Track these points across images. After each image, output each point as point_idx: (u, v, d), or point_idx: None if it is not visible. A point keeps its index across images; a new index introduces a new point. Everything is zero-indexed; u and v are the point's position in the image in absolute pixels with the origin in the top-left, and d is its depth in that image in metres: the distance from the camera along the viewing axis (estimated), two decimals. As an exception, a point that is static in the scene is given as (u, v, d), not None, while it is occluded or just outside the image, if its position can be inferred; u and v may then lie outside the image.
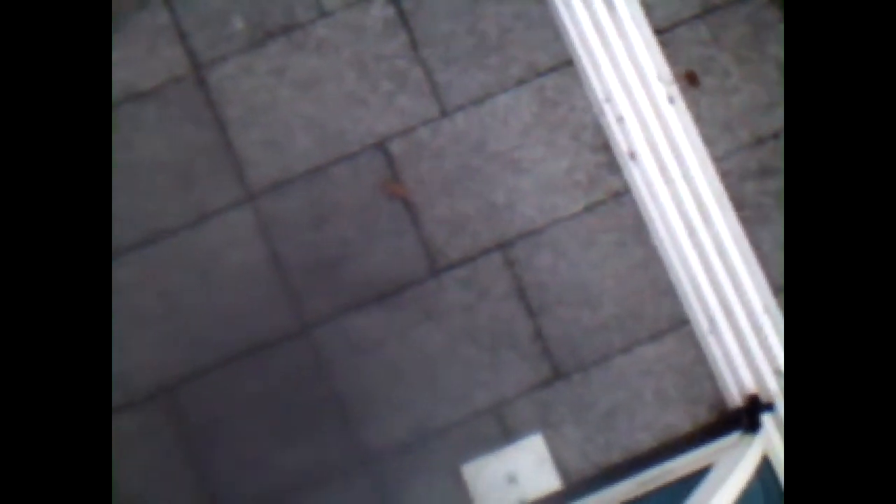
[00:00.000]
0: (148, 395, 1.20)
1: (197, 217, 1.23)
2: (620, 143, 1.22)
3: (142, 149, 1.24)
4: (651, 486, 1.13)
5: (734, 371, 1.20)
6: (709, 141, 1.23)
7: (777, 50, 1.23)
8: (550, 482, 1.19)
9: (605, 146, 1.23)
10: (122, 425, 1.19)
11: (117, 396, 1.19)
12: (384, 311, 1.21)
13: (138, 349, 1.20)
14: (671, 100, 1.23)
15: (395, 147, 1.23)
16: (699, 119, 1.23)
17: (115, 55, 1.24)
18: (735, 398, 1.19)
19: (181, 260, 1.22)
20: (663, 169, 1.22)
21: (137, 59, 1.25)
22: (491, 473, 1.19)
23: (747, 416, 1.16)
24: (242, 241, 1.23)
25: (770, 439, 1.14)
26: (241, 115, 1.24)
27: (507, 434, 1.20)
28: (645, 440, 1.19)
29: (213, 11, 1.26)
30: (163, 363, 1.21)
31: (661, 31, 1.25)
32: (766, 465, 1.13)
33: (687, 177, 1.22)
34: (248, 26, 1.25)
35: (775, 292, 1.21)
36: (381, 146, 1.23)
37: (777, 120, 1.23)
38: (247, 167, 1.24)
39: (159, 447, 1.19)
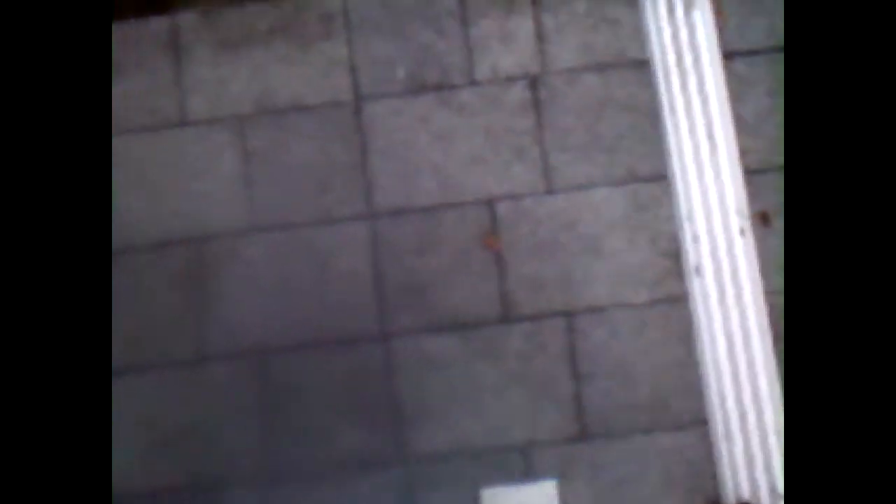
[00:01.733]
0: (244, 351, 1.42)
1: (324, 219, 1.45)
2: (690, 257, 1.41)
3: (296, 151, 1.47)
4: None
5: (735, 476, 1.36)
6: (765, 276, 1.41)
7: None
8: (553, 524, 1.37)
9: (676, 255, 1.42)
10: (215, 372, 1.41)
11: (220, 345, 1.41)
12: (455, 340, 1.41)
13: (249, 311, 1.42)
14: (742, 232, 1.42)
15: (502, 208, 1.44)
16: (762, 255, 1.41)
17: (294, 72, 1.49)
18: (730, 499, 1.35)
19: (302, 250, 1.44)
20: (721, 289, 1.41)
21: (312, 79, 1.49)
22: (505, 501, 1.37)
23: (737, 518, 1.32)
24: (354, 250, 1.45)
25: (751, 543, 1.30)
26: (383, 147, 1.47)
27: (528, 473, 1.38)
28: (643, 513, 1.36)
29: (383, 56, 1.50)
30: (264, 330, 1.42)
31: (749, 172, 1.45)
32: (742, 564, 1.28)
33: (739, 301, 1.40)
34: (408, 76, 1.49)
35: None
36: (489, 203, 1.45)
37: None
38: (375, 190, 1.46)
39: (238, 400, 1.40)
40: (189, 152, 1.48)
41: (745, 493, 1.35)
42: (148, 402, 1.40)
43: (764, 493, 1.35)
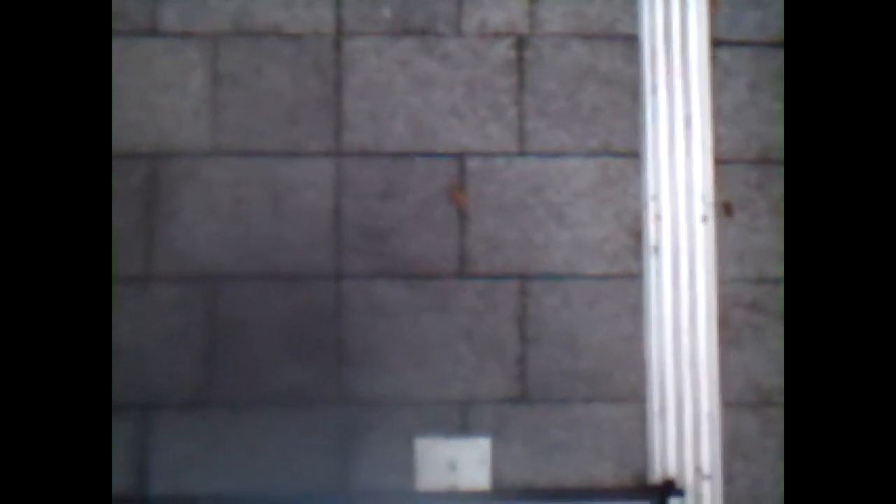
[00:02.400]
0: (193, 275, 1.38)
1: (290, 150, 1.42)
2: (651, 236, 1.42)
3: (269, 78, 1.43)
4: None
5: (664, 455, 1.39)
6: (721, 263, 1.43)
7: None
8: (482, 482, 1.38)
9: (637, 233, 1.43)
10: (161, 293, 1.38)
11: (169, 267, 1.38)
12: (408, 289, 1.40)
13: (202, 236, 1.39)
14: (704, 219, 1.43)
15: (472, 163, 1.43)
16: (720, 243, 1.43)
17: (278, -6, 1.44)
18: (656, 476, 1.38)
19: (263, 179, 1.41)
20: (675, 272, 1.42)
21: (295, 5, 1.44)
22: (437, 453, 1.38)
23: (659, 494, 1.35)
24: (317, 186, 1.42)
25: (671, 518, 1.34)
26: (359, 85, 1.44)
27: (463, 428, 1.39)
28: (571, 479, 1.39)
29: (371, -7, 1.45)
30: (216, 255, 1.39)
31: (720, 162, 1.46)
32: (658, 538, 1.32)
33: (692, 286, 1.42)
34: (395, 17, 1.45)
35: (722, 406, 1.41)
36: (460, 157, 1.43)
37: (782, 269, 1.43)
38: (345, 129, 1.43)
39: (183, 321, 1.37)
40: (157, 65, 1.42)
41: (672, 470, 1.38)
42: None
43: (689, 473, 1.38)
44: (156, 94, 1.41)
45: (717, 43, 1.48)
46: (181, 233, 1.39)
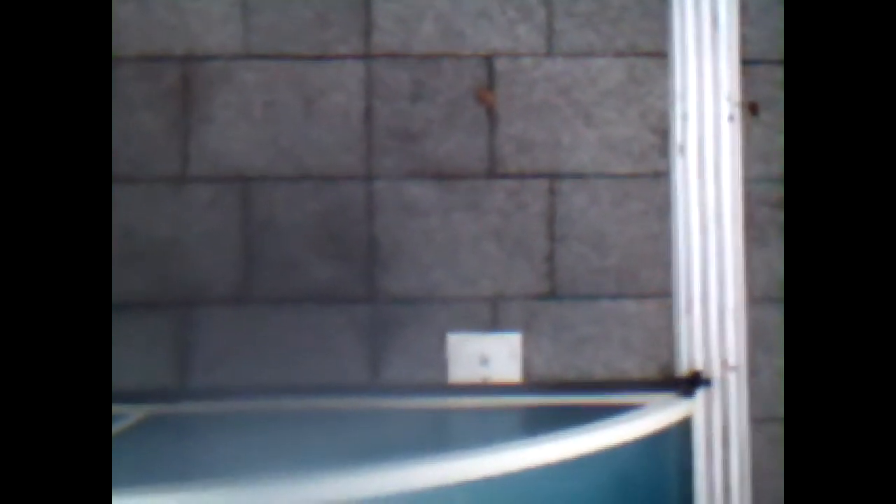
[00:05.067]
0: (227, 176, 1.41)
1: (319, 53, 1.43)
2: (677, 135, 1.44)
3: (298, -19, 1.44)
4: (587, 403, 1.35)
5: (690, 348, 1.42)
6: (747, 163, 1.45)
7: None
8: (513, 375, 1.42)
9: (664, 132, 1.44)
10: (199, 193, 1.41)
11: (204, 167, 1.40)
12: (437, 190, 1.43)
13: (235, 137, 1.41)
14: (731, 118, 1.45)
15: (500, 64, 1.44)
16: (747, 142, 1.45)
17: None
18: (683, 368, 1.42)
19: (294, 82, 1.43)
20: (701, 169, 1.44)
21: None
22: (469, 348, 1.42)
23: (686, 384, 1.39)
24: (348, 88, 1.43)
25: (697, 405, 1.38)
26: (387, -12, 1.44)
27: (494, 323, 1.42)
28: (599, 372, 1.42)
29: None
30: (248, 158, 1.42)
31: (746, 62, 1.46)
32: (686, 424, 1.36)
33: (717, 184, 1.44)
34: (422, -81, 1.45)
35: (748, 302, 1.44)
36: (489, 58, 1.44)
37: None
38: (375, 31, 1.44)
39: (220, 220, 1.40)
40: (186, -29, 1.44)
41: (698, 363, 1.42)
42: (125, 213, 1.39)
43: (716, 365, 1.42)
44: (186, -3, 1.43)
45: (742, -53, 1.48)
46: (216, 135, 1.41)
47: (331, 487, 0.99)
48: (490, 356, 1.42)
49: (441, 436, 1.39)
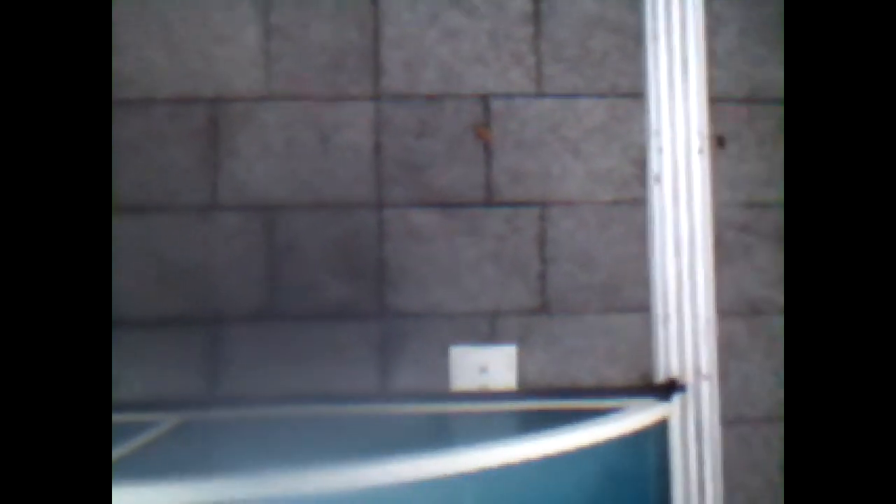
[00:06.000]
0: (252, 205, 1.57)
1: (334, 95, 1.60)
2: (653, 166, 1.61)
3: (315, 30, 1.60)
4: (576, 407, 1.51)
5: (667, 358, 1.59)
6: (716, 190, 1.62)
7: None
8: (509, 383, 1.58)
9: (642, 164, 1.62)
10: (226, 221, 1.56)
11: (230, 197, 1.56)
12: (441, 217, 1.59)
13: (259, 171, 1.57)
14: (700, 150, 1.62)
15: (495, 104, 1.61)
16: (715, 171, 1.62)
17: (320, -44, 1.61)
18: (660, 376, 1.58)
19: (311, 121, 1.59)
20: (675, 197, 1.61)
21: (335, -35, 1.62)
22: (470, 359, 1.57)
23: (663, 390, 1.55)
24: (359, 126, 1.60)
25: (674, 408, 1.54)
26: (394, 36, 1.61)
27: (492, 336, 1.58)
28: (586, 379, 1.58)
29: (403, -46, 1.63)
30: (270, 189, 1.58)
31: (714, 100, 1.64)
32: (663, 425, 1.52)
33: (689, 209, 1.61)
34: (424, -25, 1.63)
35: (717, 314, 1.61)
36: (485, 98, 1.61)
37: (769, 194, 1.63)
38: (383, 74, 1.61)
39: (245, 245, 1.56)
40: (213, 19, 1.60)
41: (675, 371, 1.58)
42: (159, 238, 1.54)
43: (690, 372, 1.58)
44: (214, 45, 1.59)
45: (710, -3, 1.66)
46: (241, 168, 1.58)
47: (350, 476, 1.14)
48: (489, 366, 1.58)
49: (445, 437, 1.54)
